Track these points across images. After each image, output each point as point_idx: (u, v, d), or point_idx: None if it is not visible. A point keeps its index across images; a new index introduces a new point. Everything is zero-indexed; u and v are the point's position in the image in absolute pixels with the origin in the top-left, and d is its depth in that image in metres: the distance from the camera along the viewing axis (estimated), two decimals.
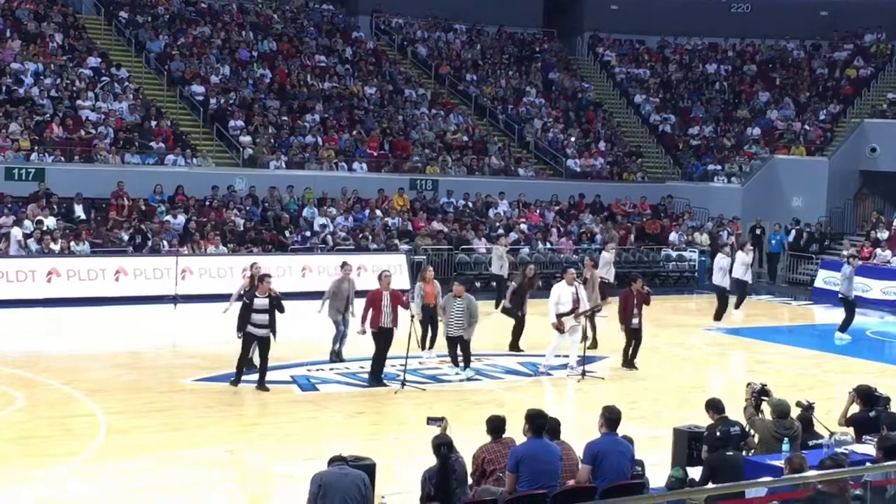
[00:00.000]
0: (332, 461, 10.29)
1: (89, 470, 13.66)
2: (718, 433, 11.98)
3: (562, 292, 20.01)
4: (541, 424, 10.84)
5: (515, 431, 11.12)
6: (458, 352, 19.71)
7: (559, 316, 19.82)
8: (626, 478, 10.85)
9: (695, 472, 12.29)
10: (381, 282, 18.96)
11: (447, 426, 11.06)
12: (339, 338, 20.29)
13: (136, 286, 27.19)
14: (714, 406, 12.49)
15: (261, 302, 17.73)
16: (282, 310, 17.97)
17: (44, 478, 13.26)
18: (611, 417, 11.12)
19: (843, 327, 25.47)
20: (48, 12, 37.37)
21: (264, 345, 17.91)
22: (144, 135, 33.57)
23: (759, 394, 12.83)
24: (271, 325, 17.81)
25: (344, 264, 21.17)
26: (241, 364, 17.93)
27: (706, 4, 47.91)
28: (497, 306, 26.34)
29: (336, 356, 20.28)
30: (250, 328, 17.74)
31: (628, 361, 20.74)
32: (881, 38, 45.61)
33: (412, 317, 18.98)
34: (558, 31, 49.22)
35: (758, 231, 36.73)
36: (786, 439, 11.72)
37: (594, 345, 21.99)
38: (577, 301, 19.92)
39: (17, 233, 27.51)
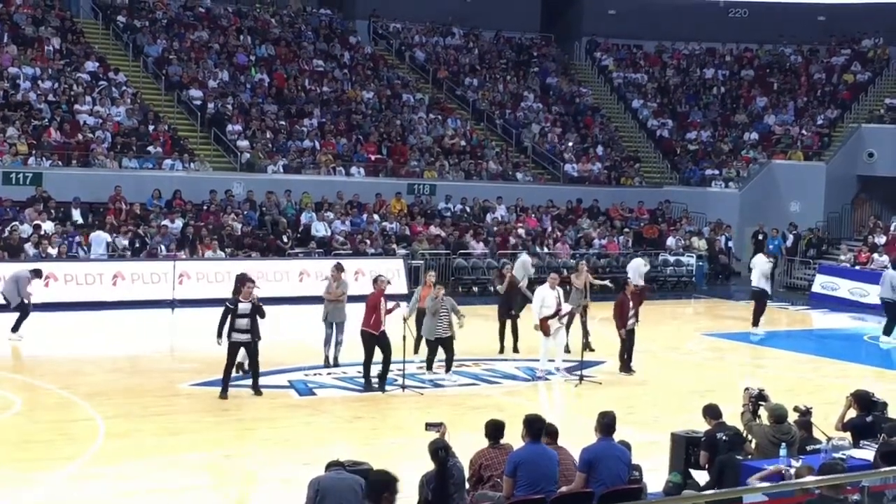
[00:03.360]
0: (329, 466, 10.30)
1: (88, 473, 13.67)
2: (732, 436, 12.04)
3: (546, 295, 20.18)
4: (539, 429, 10.86)
5: (513, 436, 11.12)
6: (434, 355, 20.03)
7: (543, 319, 19.93)
8: (623, 482, 10.85)
9: (696, 477, 12.33)
10: (378, 286, 18.92)
11: (446, 431, 11.06)
12: (332, 343, 20.23)
13: (134, 290, 27.19)
14: (711, 412, 12.50)
15: (244, 307, 17.66)
16: (262, 315, 17.90)
17: (42, 482, 13.26)
18: (605, 422, 11.14)
19: (888, 330, 25.55)
20: (46, 16, 37.37)
21: (252, 350, 17.85)
22: (142, 139, 33.59)
23: (756, 398, 12.84)
24: (254, 330, 17.74)
25: (337, 266, 21.21)
26: (228, 373, 17.80)
27: (704, 9, 47.95)
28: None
29: (333, 362, 20.23)
30: (234, 335, 17.65)
31: (625, 365, 20.77)
32: (878, 44, 45.67)
33: (405, 319, 18.98)
34: (556, 36, 49.26)
35: (760, 237, 36.78)
36: (783, 444, 11.72)
37: (588, 347, 21.87)
38: (560, 304, 20.10)
39: (104, 236, 28.07)
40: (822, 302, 32.46)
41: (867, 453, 11.83)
